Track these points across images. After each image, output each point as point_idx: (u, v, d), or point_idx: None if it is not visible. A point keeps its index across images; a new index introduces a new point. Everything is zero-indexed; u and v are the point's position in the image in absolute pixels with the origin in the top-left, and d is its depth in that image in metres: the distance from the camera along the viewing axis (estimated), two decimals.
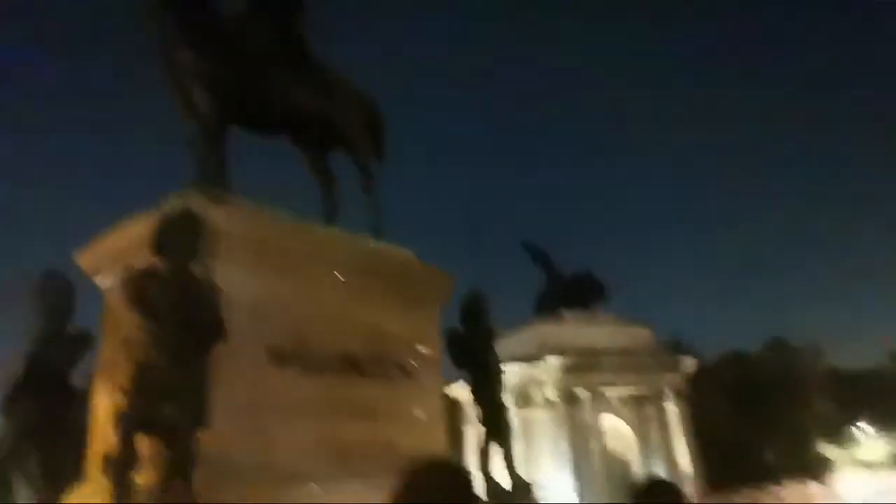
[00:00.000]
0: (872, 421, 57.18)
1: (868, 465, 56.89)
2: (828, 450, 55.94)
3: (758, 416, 50.02)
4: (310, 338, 5.66)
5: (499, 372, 7.04)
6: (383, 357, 6.17)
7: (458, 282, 7.55)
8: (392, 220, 7.64)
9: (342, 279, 6.08)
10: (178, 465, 4.35)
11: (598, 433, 37.38)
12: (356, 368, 5.91)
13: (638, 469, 38.80)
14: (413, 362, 6.43)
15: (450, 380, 7.70)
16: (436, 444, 6.50)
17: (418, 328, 6.62)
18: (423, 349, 6.55)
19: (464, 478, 1.77)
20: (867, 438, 58.33)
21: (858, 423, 58.85)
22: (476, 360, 6.89)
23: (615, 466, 36.61)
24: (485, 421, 6.85)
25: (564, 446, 37.30)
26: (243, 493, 4.51)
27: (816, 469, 52.91)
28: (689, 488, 38.86)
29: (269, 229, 5.64)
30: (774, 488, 54.08)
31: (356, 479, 4.79)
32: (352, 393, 5.78)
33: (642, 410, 40.30)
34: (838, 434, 58.30)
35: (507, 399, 27.74)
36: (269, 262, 5.55)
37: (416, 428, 6.34)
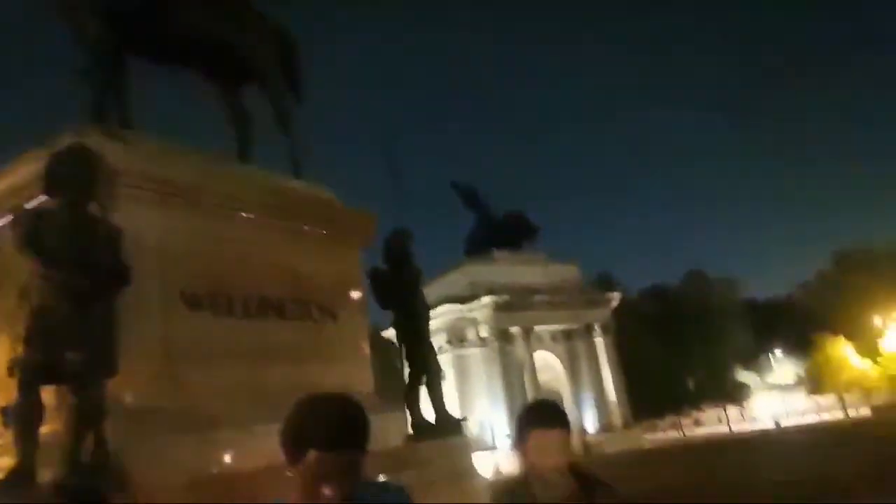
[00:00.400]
0: (783, 347, 61.38)
1: (779, 388, 61.29)
2: (744, 375, 59.88)
3: (679, 347, 52.80)
4: (226, 280, 5.47)
5: (424, 310, 7.04)
6: (305, 299, 6.04)
7: (383, 221, 7.45)
8: (312, 159, 7.40)
9: (259, 220, 5.87)
10: (86, 415, 4.17)
11: (531, 368, 38.71)
12: (276, 311, 5.77)
13: (569, 400, 40.57)
14: (337, 304, 6.33)
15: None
16: (363, 384, 6.48)
17: (341, 269, 6.50)
18: (346, 290, 6.45)
19: (352, 412, 1.69)
20: (778, 363, 62.73)
21: (772, 350, 63.05)
22: (400, 299, 6.85)
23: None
24: (411, 360, 6.88)
25: (498, 382, 38.53)
26: (160, 441, 4.38)
27: (734, 394, 56.64)
28: (618, 416, 41.02)
29: (176, 167, 5.33)
30: (695, 412, 57.69)
31: (279, 423, 4.72)
32: (272, 336, 5.65)
33: (572, 345, 41.90)
34: (753, 361, 62.38)
35: (441, 338, 28.18)
36: (179, 203, 5.28)
37: (342, 369, 6.28)
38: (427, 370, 6.82)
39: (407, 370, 6.91)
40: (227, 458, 4.58)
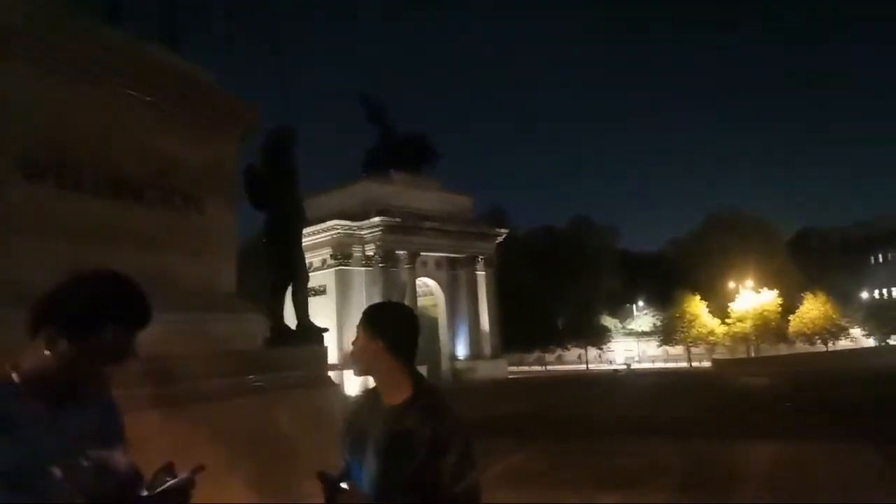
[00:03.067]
0: (646, 298, 66.08)
1: (636, 335, 66.29)
2: (607, 320, 64.12)
3: (554, 288, 55.42)
4: (75, 153, 4.92)
5: (299, 213, 6.76)
6: (168, 185, 5.59)
7: (271, 114, 7.01)
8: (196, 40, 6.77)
9: (122, 91, 5.30)
10: None
11: (412, 292, 39.31)
12: (133, 194, 5.29)
13: (444, 327, 41.81)
14: (205, 195, 5.92)
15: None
16: (226, 282, 6.20)
17: (213, 159, 6.04)
18: (217, 182, 6.03)
19: (144, 292, 1.53)
20: (639, 312, 67.62)
21: (635, 300, 67.76)
22: (274, 199, 6.54)
23: (425, 324, 39.02)
24: (279, 263, 6.64)
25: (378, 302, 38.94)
26: None
27: (596, 336, 60.66)
28: (488, 346, 42.82)
29: (20, 15, 4.65)
30: (560, 350, 61.37)
31: None
32: (126, 220, 5.20)
33: (454, 273, 42.86)
34: (618, 307, 66.80)
35: (325, 252, 27.94)
36: (22, 59, 4.63)
37: (205, 264, 5.96)
38: (295, 275, 6.62)
39: (273, 274, 6.69)
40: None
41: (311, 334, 6.55)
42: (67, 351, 1.43)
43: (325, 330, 6.58)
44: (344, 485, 1.91)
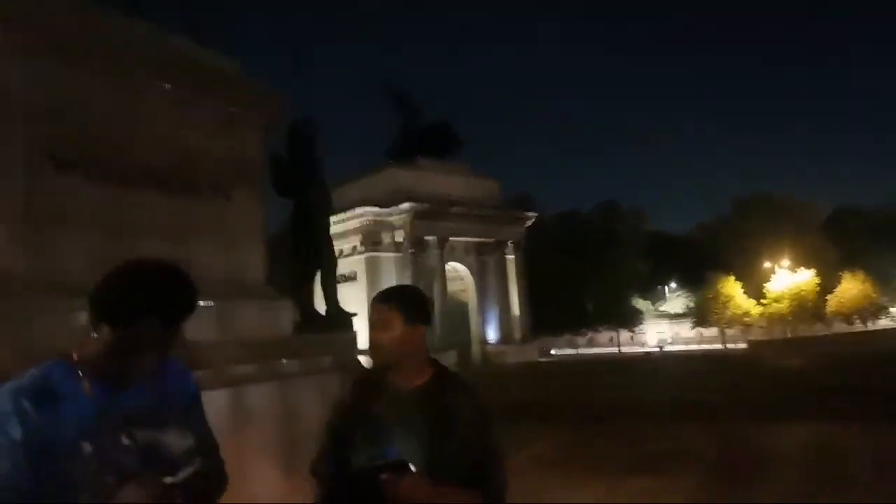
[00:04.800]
0: (678, 280, 65.24)
1: (669, 317, 65.53)
2: (639, 302, 63.52)
3: (583, 271, 55.04)
4: (104, 145, 5.01)
5: (325, 201, 6.81)
6: (195, 175, 5.67)
7: (293, 106, 7.05)
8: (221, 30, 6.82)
9: (147, 82, 5.37)
10: None
11: (441, 277, 39.40)
12: (160, 184, 5.38)
13: (475, 311, 41.86)
14: (231, 184, 5.99)
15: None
16: (255, 270, 6.28)
17: (239, 148, 6.10)
18: (243, 171, 6.09)
19: (192, 285, 1.55)
20: (671, 294, 66.81)
21: (667, 282, 66.96)
22: (299, 187, 6.59)
23: (455, 309, 39.21)
24: (306, 251, 6.71)
25: None
26: (14, 306, 4.09)
27: (627, 318, 60.16)
28: (518, 330, 42.76)
29: (47, 10, 4.73)
30: (590, 333, 61.02)
31: None
32: (154, 209, 5.29)
33: (483, 259, 42.78)
34: (649, 290, 66.11)
35: (355, 240, 28.09)
36: (50, 52, 4.72)
37: (233, 253, 6.04)
38: (322, 262, 6.69)
39: (301, 261, 6.76)
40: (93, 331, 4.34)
41: (339, 320, 6.62)
42: (109, 338, 1.48)
43: (354, 315, 6.64)
44: (412, 467, 1.80)
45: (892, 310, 57.43)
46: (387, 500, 1.78)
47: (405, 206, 38.76)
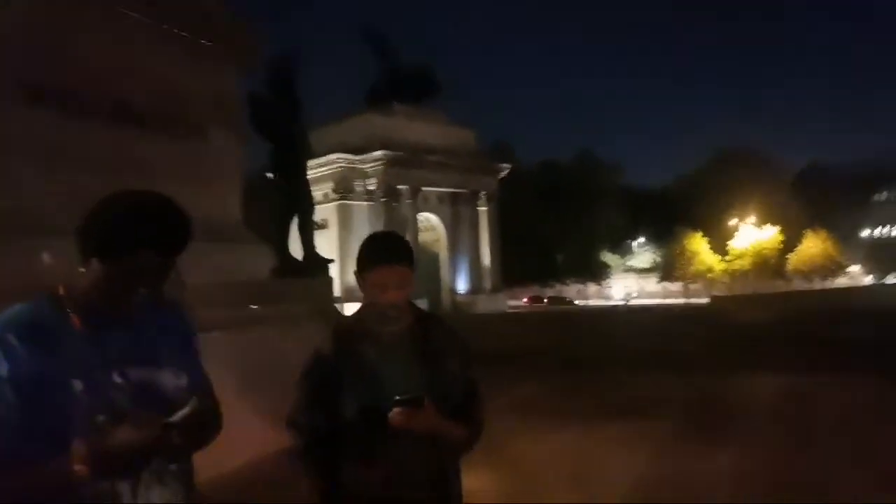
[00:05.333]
0: (647, 234, 66.13)
1: (636, 271, 66.68)
2: (608, 256, 64.40)
3: (555, 223, 55.39)
4: (78, 77, 4.76)
5: (303, 143, 6.60)
6: (171, 112, 5.44)
7: (272, 44, 6.75)
8: None
9: (123, 13, 5.07)
10: None
11: (414, 227, 39.28)
12: (137, 121, 5.16)
13: (446, 261, 41.99)
14: (208, 122, 5.76)
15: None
16: (231, 212, 6.11)
17: (216, 85, 5.86)
18: (220, 109, 5.86)
19: (187, 217, 1.43)
20: (639, 249, 67.83)
21: (636, 236, 67.85)
22: (278, 127, 6.36)
23: (426, 259, 39.25)
24: (284, 193, 6.53)
25: None
26: None
27: (596, 272, 61.06)
28: (488, 280, 43.13)
29: None
30: (559, 285, 61.88)
31: None
32: (129, 147, 5.08)
33: (456, 209, 42.69)
34: (619, 244, 66.96)
35: (327, 186, 27.70)
36: None
37: (209, 193, 5.85)
38: (300, 206, 6.52)
39: (279, 204, 6.59)
40: (61, 268, 4.17)
41: (317, 265, 6.51)
42: (98, 271, 1.37)
43: (331, 261, 6.53)
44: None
45: (850, 269, 59.22)
46: (386, 437, 1.80)
47: (379, 153, 38.28)
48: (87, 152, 4.81)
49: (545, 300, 57.20)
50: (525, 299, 56.56)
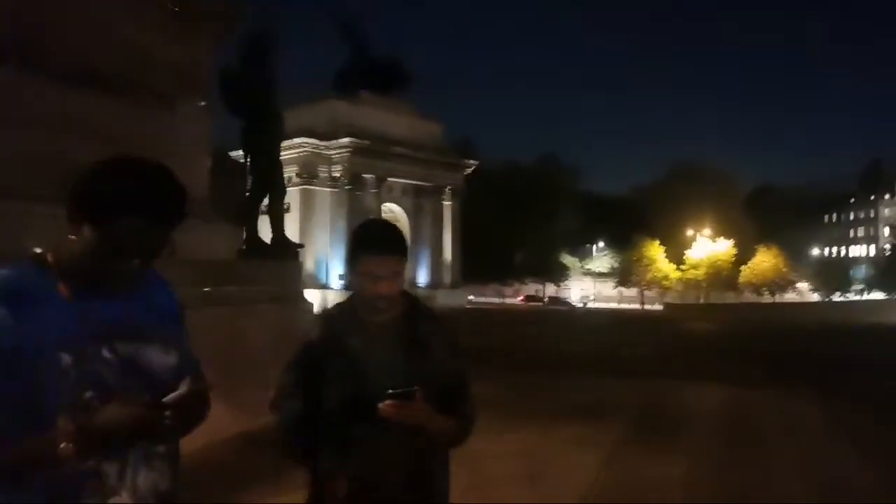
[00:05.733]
0: (606, 239, 67.20)
1: (594, 275, 67.71)
2: (567, 259, 65.18)
3: (517, 222, 55.80)
4: (41, 34, 4.54)
5: (276, 123, 6.45)
6: (138, 79, 5.24)
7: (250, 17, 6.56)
8: None
9: None
10: None
11: (378, 217, 39.04)
12: (102, 84, 4.95)
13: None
14: (177, 92, 5.58)
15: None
16: (197, 186, 5.92)
17: (187, 55, 5.67)
18: (190, 80, 5.68)
19: (179, 184, 1.36)
20: (598, 253, 68.86)
21: (596, 241, 68.90)
22: (251, 105, 6.20)
23: None
24: (255, 174, 6.38)
25: (342, 225, 38.53)
26: None
27: (555, 273, 61.74)
28: (449, 275, 43.20)
29: None
30: (518, 284, 62.38)
31: None
32: (93, 112, 4.87)
33: (420, 201, 42.58)
34: (578, 247, 67.87)
35: (291, 170, 27.08)
36: None
37: (174, 165, 5.66)
38: (272, 188, 6.38)
39: (249, 184, 6.43)
40: (22, 232, 3.99)
41: (286, 248, 6.38)
42: (89, 237, 1.28)
43: (301, 246, 6.42)
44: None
45: (799, 285, 61.20)
46: (371, 428, 1.76)
47: (345, 140, 37.87)
48: (44, 113, 4.60)
49: (545, 300, 57.67)
50: (520, 297, 56.93)
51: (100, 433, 1.21)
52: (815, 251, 69.81)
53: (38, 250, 1.35)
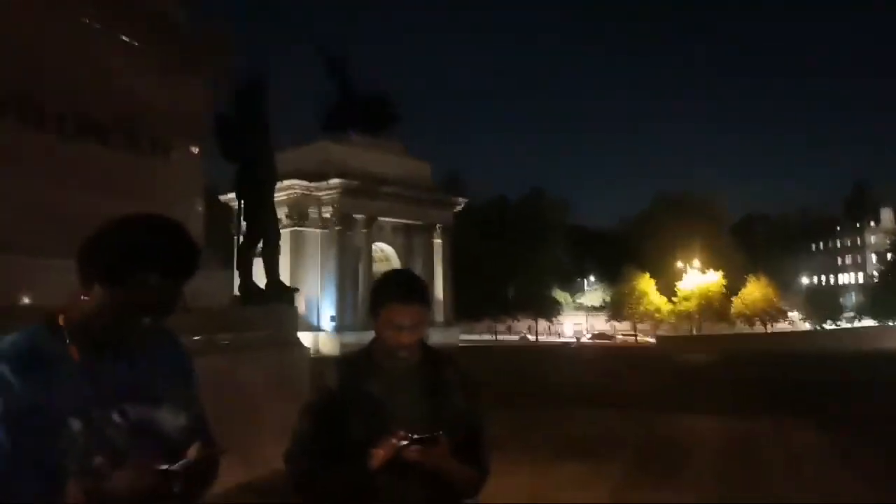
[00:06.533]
0: (596, 273, 67.41)
1: (586, 309, 67.68)
2: (558, 293, 65.23)
3: (507, 258, 55.94)
4: (40, 88, 4.60)
5: (270, 168, 6.50)
6: (135, 128, 5.29)
7: (241, 64, 6.67)
8: None
9: (87, 23, 4.94)
10: None
11: (367, 257, 39.01)
12: (99, 136, 5.00)
13: None
14: (172, 139, 5.63)
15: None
16: (191, 225, 5.93)
17: (182, 100, 5.73)
18: (185, 126, 5.73)
19: (191, 239, 1.37)
20: (589, 287, 68.96)
21: (586, 275, 69.09)
22: (245, 150, 6.25)
23: None
24: (249, 219, 6.39)
25: (333, 266, 38.50)
26: None
27: (546, 308, 61.67)
28: (441, 313, 43.01)
29: None
30: (510, 320, 62.20)
31: None
32: (92, 164, 4.91)
33: (411, 240, 42.65)
34: (569, 281, 68.00)
35: (282, 212, 27.13)
36: None
37: (168, 212, 5.68)
38: (265, 233, 6.39)
39: (243, 231, 6.44)
40: (21, 286, 3.97)
41: (281, 293, 6.36)
42: (102, 297, 1.28)
43: (296, 290, 6.41)
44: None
45: (790, 314, 61.38)
46: (391, 474, 1.75)
47: (335, 181, 38.07)
48: (45, 164, 4.63)
49: (615, 337, 57.23)
50: (588, 336, 56.60)
51: (109, 499, 1.20)
52: (805, 280, 70.23)
53: (51, 314, 1.35)
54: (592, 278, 69.03)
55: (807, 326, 60.99)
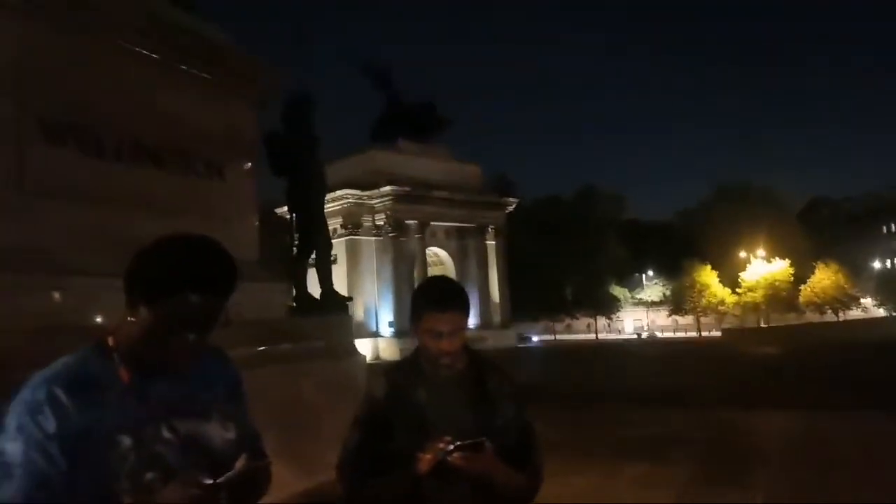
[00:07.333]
0: (655, 267, 65.91)
1: (646, 304, 66.26)
2: (616, 290, 64.09)
3: (563, 256, 55.34)
4: (96, 117, 4.80)
5: (320, 182, 6.64)
6: (188, 151, 5.46)
7: (287, 82, 6.83)
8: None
9: (140, 52, 5.14)
10: None
11: (422, 262, 39.31)
12: (154, 160, 5.18)
13: None
14: (225, 161, 5.79)
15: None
16: (248, 249, 6.09)
17: (233, 123, 5.89)
18: (237, 147, 5.89)
19: (229, 257, 1.40)
20: (648, 282, 67.49)
21: (645, 269, 67.64)
22: (295, 166, 6.40)
23: None
24: (301, 232, 6.54)
25: (388, 272, 38.97)
26: (2, 280, 3.87)
27: (605, 305, 60.69)
28: (498, 315, 42.91)
29: None
30: (569, 319, 61.49)
31: None
32: (146, 186, 5.09)
33: (464, 243, 42.76)
34: (627, 277, 66.72)
35: (336, 222, 27.81)
36: (40, 17, 4.48)
37: (227, 231, 5.83)
38: (317, 244, 6.52)
39: (296, 242, 6.59)
40: (82, 309, 4.15)
41: (335, 302, 6.48)
42: (146, 318, 1.33)
43: (350, 299, 6.51)
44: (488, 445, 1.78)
45: (863, 301, 58.64)
46: (440, 483, 1.75)
47: (386, 189, 38.54)
48: (104, 191, 4.82)
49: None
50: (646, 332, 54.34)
51: None
52: (877, 264, 66.91)
53: (101, 336, 1.41)
54: (651, 273, 67.49)
55: (881, 313, 58.03)
